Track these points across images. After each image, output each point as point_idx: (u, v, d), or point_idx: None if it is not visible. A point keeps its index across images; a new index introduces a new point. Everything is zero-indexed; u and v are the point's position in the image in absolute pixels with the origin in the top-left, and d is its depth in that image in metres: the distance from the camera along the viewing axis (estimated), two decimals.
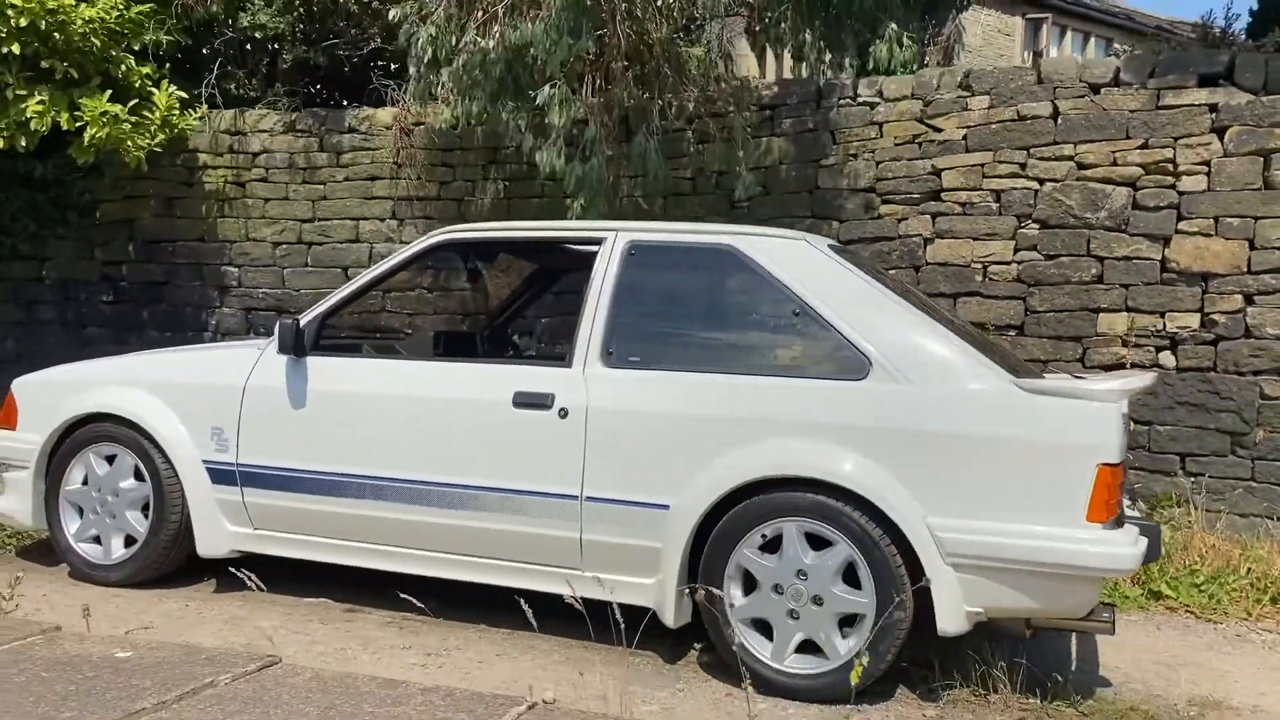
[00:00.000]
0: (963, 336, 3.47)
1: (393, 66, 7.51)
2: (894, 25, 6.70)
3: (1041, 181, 5.66)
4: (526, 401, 3.64)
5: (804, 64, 6.70)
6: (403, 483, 3.78)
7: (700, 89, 6.30)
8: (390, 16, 6.99)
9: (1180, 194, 5.34)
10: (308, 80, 7.57)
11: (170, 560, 4.20)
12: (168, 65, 6.87)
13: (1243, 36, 13.93)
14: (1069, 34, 17.25)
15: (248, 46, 7.36)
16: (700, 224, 4.44)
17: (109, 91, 6.24)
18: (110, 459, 4.24)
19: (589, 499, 3.54)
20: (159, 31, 6.57)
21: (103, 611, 3.84)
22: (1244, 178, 5.23)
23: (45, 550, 4.75)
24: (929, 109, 5.96)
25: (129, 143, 6.25)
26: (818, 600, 3.28)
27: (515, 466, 3.65)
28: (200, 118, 6.95)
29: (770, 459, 3.32)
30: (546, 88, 5.41)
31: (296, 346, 3.91)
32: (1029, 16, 16.33)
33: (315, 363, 3.97)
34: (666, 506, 3.45)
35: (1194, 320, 5.31)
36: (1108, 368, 5.39)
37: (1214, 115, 5.32)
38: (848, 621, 3.30)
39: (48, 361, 4.90)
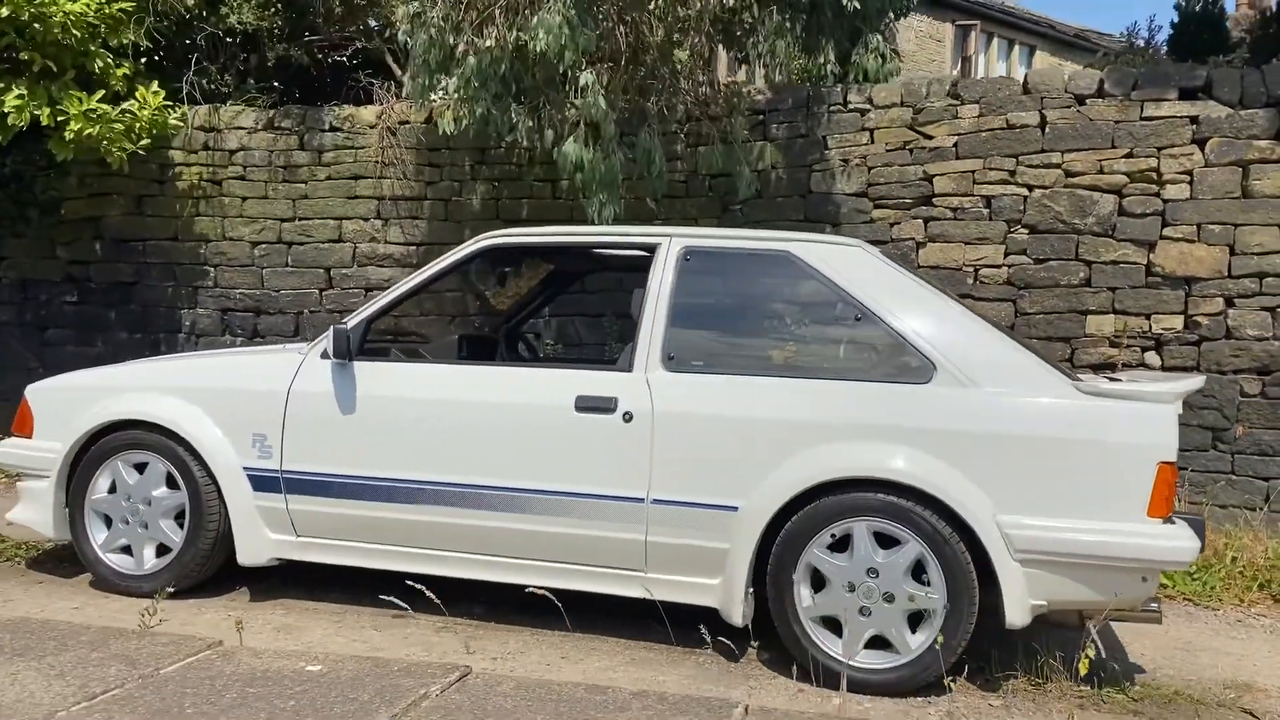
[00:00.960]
0: (1016, 340, 3.61)
1: (365, 70, 7.45)
2: (880, 37, 6.90)
3: (1031, 188, 5.88)
4: (590, 406, 3.66)
5: (780, 71, 6.83)
6: (461, 487, 3.77)
7: (695, 92, 6.38)
8: (375, 20, 6.96)
9: (1165, 201, 5.61)
10: (286, 78, 7.40)
11: (206, 569, 4.11)
12: (143, 62, 6.66)
13: (1164, 49, 14.60)
14: (995, 40, 17.79)
15: (229, 40, 7.16)
16: (751, 230, 4.53)
17: (100, 91, 6.04)
18: (140, 467, 4.13)
19: (655, 501, 3.59)
20: (138, 31, 6.37)
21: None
22: (1224, 187, 5.51)
23: (57, 560, 4.61)
24: (920, 116, 6.13)
25: (117, 142, 6.03)
26: (889, 597, 3.39)
27: (579, 470, 3.67)
28: (179, 116, 6.76)
29: (843, 461, 3.41)
30: (586, 73, 5.42)
31: (348, 351, 3.86)
32: (959, 23, 16.80)
33: (365, 367, 3.93)
34: (735, 508, 3.51)
35: (1178, 322, 5.59)
36: (1096, 368, 5.63)
37: (1195, 127, 5.60)
38: (914, 617, 3.41)
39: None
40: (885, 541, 3.41)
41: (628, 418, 3.62)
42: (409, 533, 3.87)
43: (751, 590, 3.55)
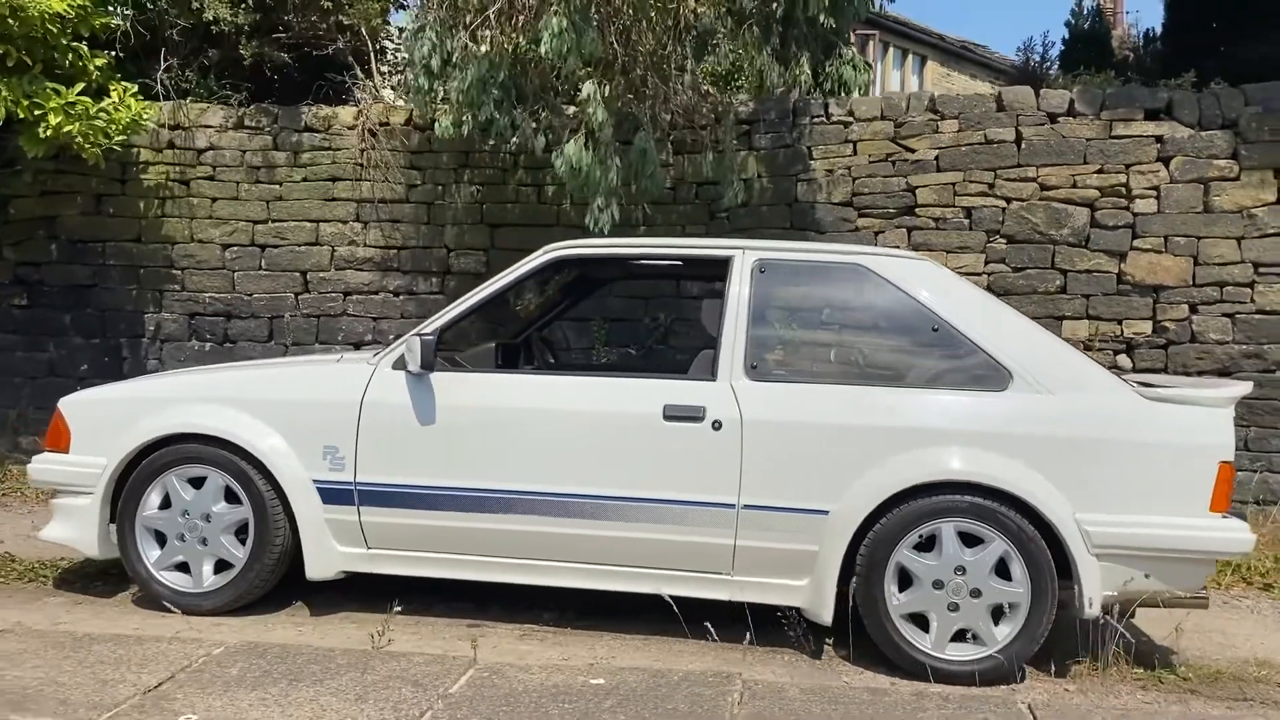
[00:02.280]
0: (1077, 349, 3.87)
1: (331, 70, 7.28)
2: (853, 49, 7.15)
3: (1009, 200, 6.22)
4: (678, 414, 3.75)
5: (752, 80, 7.03)
6: (547, 496, 3.81)
7: (683, 101, 6.50)
8: (346, 18, 6.83)
9: (1134, 215, 6.03)
10: (256, 76, 7.18)
11: (268, 585, 4.03)
12: (115, 54, 6.38)
13: (1055, 65, 15.44)
14: (891, 49, 18.47)
15: (202, 34, 6.90)
16: (819, 243, 4.68)
17: (80, 84, 5.76)
18: (195, 481, 4.01)
19: (745, 507, 3.71)
20: (109, 17, 6.10)
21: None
22: (1188, 202, 5.96)
23: (84, 579, 4.45)
24: (901, 130, 6.41)
25: (96, 138, 5.77)
26: (976, 593, 3.60)
27: (668, 477, 3.76)
28: (153, 113, 6.49)
29: (933, 465, 3.60)
30: (589, 83, 5.47)
31: (433, 363, 3.84)
32: (859, 32, 17.36)
33: (443, 377, 3.92)
34: (826, 512, 3.66)
35: (1147, 327, 6.01)
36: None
37: (1160, 146, 6.03)
38: (996, 611, 3.62)
39: None
40: (970, 541, 3.62)
41: (717, 426, 3.73)
42: (493, 542, 3.88)
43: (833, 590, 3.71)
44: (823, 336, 3.97)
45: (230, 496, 4.00)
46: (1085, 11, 14.65)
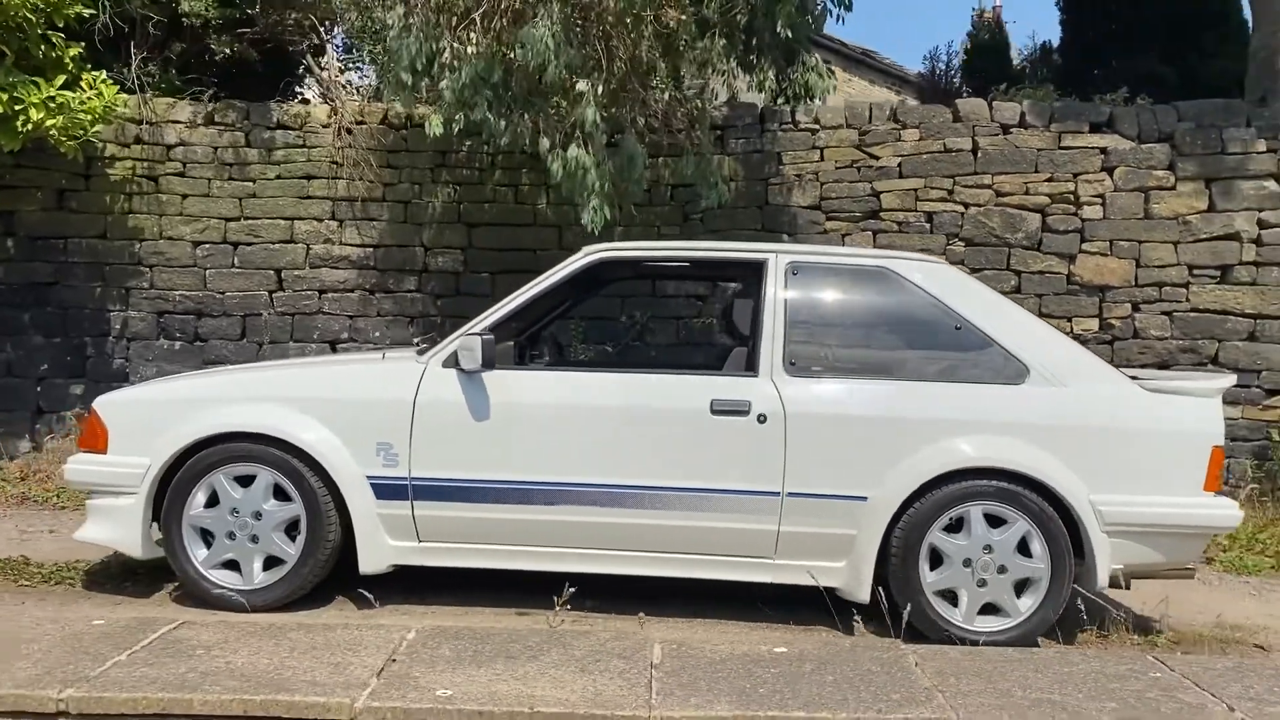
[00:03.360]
0: (1080, 344, 4.24)
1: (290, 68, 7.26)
2: (816, 57, 7.46)
3: (967, 206, 6.64)
4: (725, 409, 3.98)
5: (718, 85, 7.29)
6: (600, 487, 3.99)
7: (661, 105, 6.71)
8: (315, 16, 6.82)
9: (1083, 220, 6.52)
10: (223, 71, 7.09)
11: (318, 580, 4.10)
12: (86, 45, 6.23)
13: (958, 74, 16.16)
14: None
15: (177, 26, 6.78)
16: (846, 248, 4.93)
17: (61, 77, 5.64)
18: (243, 480, 4.04)
19: (790, 494, 3.96)
20: (81, 7, 5.96)
21: (274, 642, 3.73)
22: (1130, 209, 6.48)
23: (114, 579, 4.44)
24: (866, 138, 6.77)
25: (75, 130, 5.66)
26: (1002, 569, 3.93)
27: (716, 468, 3.98)
28: (126, 107, 6.37)
29: (964, 453, 3.91)
30: (583, 83, 5.62)
31: (492, 360, 3.97)
32: None
33: (495, 375, 4.04)
34: (865, 498, 3.94)
35: (1094, 324, 6.51)
36: None
37: (1104, 156, 6.54)
38: (1019, 585, 3.96)
39: None
40: (994, 522, 3.94)
41: (762, 419, 3.97)
42: (546, 532, 4.04)
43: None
44: (853, 335, 4.24)
45: (279, 494, 4.05)
46: (986, 23, 15.42)
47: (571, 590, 3.99)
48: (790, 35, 6.73)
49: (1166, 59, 12.13)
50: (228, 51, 6.92)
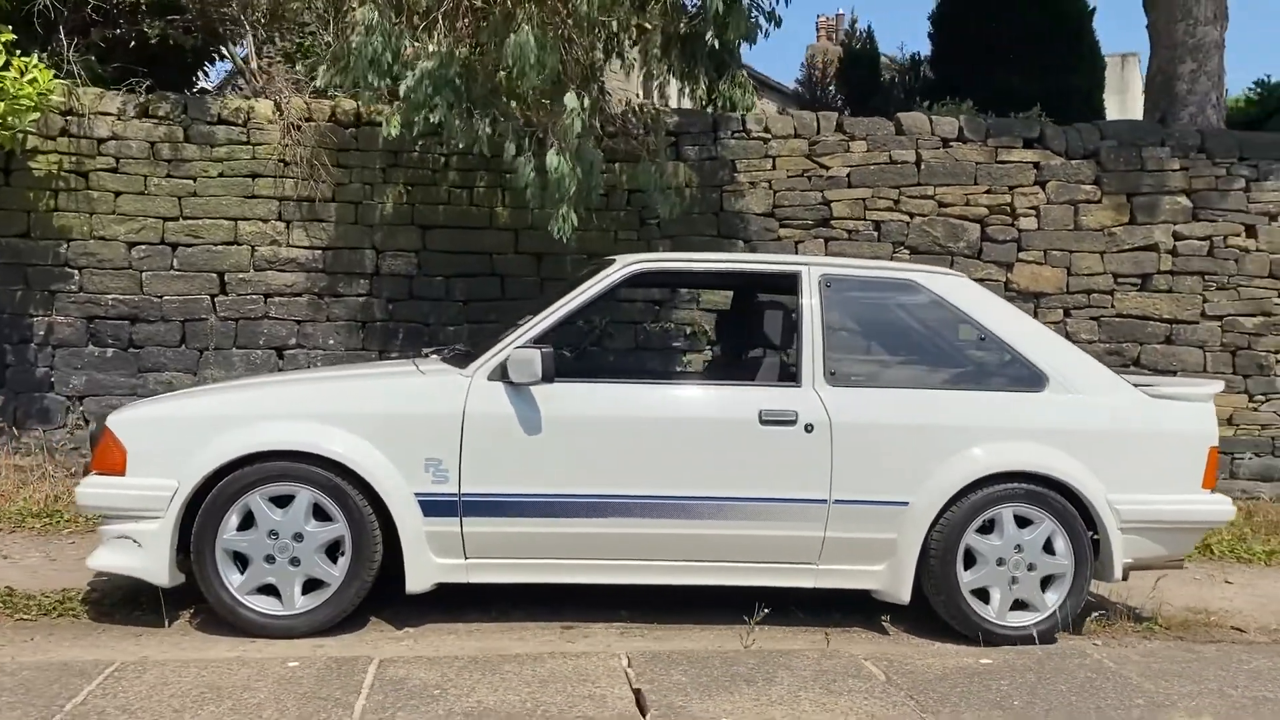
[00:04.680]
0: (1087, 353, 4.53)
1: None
2: (744, 71, 7.61)
3: (912, 215, 6.94)
4: (773, 419, 4.06)
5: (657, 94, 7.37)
6: (652, 499, 4.00)
7: (621, 112, 6.73)
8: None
9: (1019, 231, 6.92)
10: (147, 59, 6.67)
11: (359, 602, 3.96)
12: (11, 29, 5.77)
13: (832, 84, 16.70)
14: None
15: (103, 9, 6.33)
16: (873, 260, 5.07)
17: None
18: (279, 500, 3.86)
19: (837, 501, 4.08)
20: None
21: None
22: (1062, 221, 6.92)
23: (123, 608, 4.14)
24: (816, 148, 6.98)
25: (13, 119, 5.24)
26: (1031, 567, 4.16)
27: (766, 477, 4.05)
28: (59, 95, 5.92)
29: (997, 458, 4.12)
30: (570, 94, 5.58)
31: (552, 374, 3.91)
32: None
33: (543, 387, 3.99)
34: (906, 503, 4.10)
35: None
36: None
37: (1037, 171, 6.95)
38: (1045, 581, 4.20)
39: None
40: (1022, 522, 4.17)
41: (809, 429, 4.07)
42: (595, 545, 4.02)
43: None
44: (884, 345, 4.40)
45: (318, 514, 3.89)
46: (858, 34, 16.04)
47: (563, 604, 4.00)
48: (717, 45, 6.87)
49: (1030, 75, 12.90)
50: (158, 37, 6.50)
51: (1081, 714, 3.35)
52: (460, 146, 5.84)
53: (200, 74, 7.65)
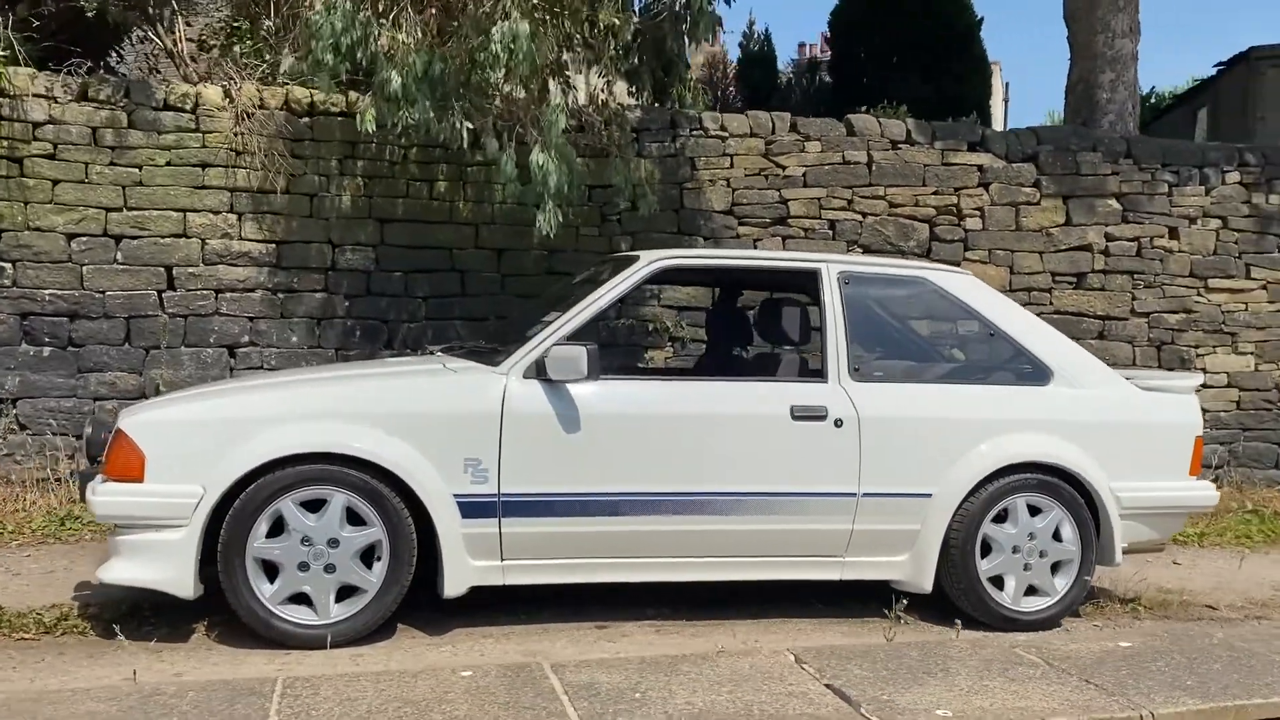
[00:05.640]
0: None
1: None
2: (692, 75, 7.66)
3: (865, 215, 7.12)
4: (805, 414, 4.11)
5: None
6: (690, 496, 4.00)
7: (583, 107, 6.68)
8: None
9: (966, 231, 7.18)
10: (68, 37, 6.25)
11: (395, 608, 3.82)
12: None
13: (733, 86, 16.92)
14: None
15: None
16: (886, 258, 5.09)
17: None
18: (309, 505, 3.69)
19: (865, 494, 4.16)
20: None
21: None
22: (1005, 222, 7.21)
23: (132, 622, 3.87)
24: (773, 148, 7.08)
25: None
26: (1042, 554, 4.33)
27: (799, 472, 4.10)
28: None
29: (1014, 449, 4.27)
30: (557, 89, 5.51)
31: (599, 371, 3.86)
32: None
33: (580, 385, 3.93)
34: (930, 495, 4.21)
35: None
36: None
37: (981, 173, 7.22)
38: (1054, 567, 4.38)
39: None
40: (1033, 511, 4.33)
41: (839, 423, 4.14)
42: (632, 543, 3.99)
43: None
44: (900, 341, 4.50)
45: (351, 518, 3.73)
46: (756, 36, 16.31)
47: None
48: (679, 45, 6.91)
49: (925, 80, 13.39)
50: (95, 10, 6.11)
51: (1261, 689, 3.51)
52: (440, 140, 5.68)
53: (116, 53, 7.18)
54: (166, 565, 3.60)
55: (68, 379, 5.98)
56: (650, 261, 4.25)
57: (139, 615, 3.94)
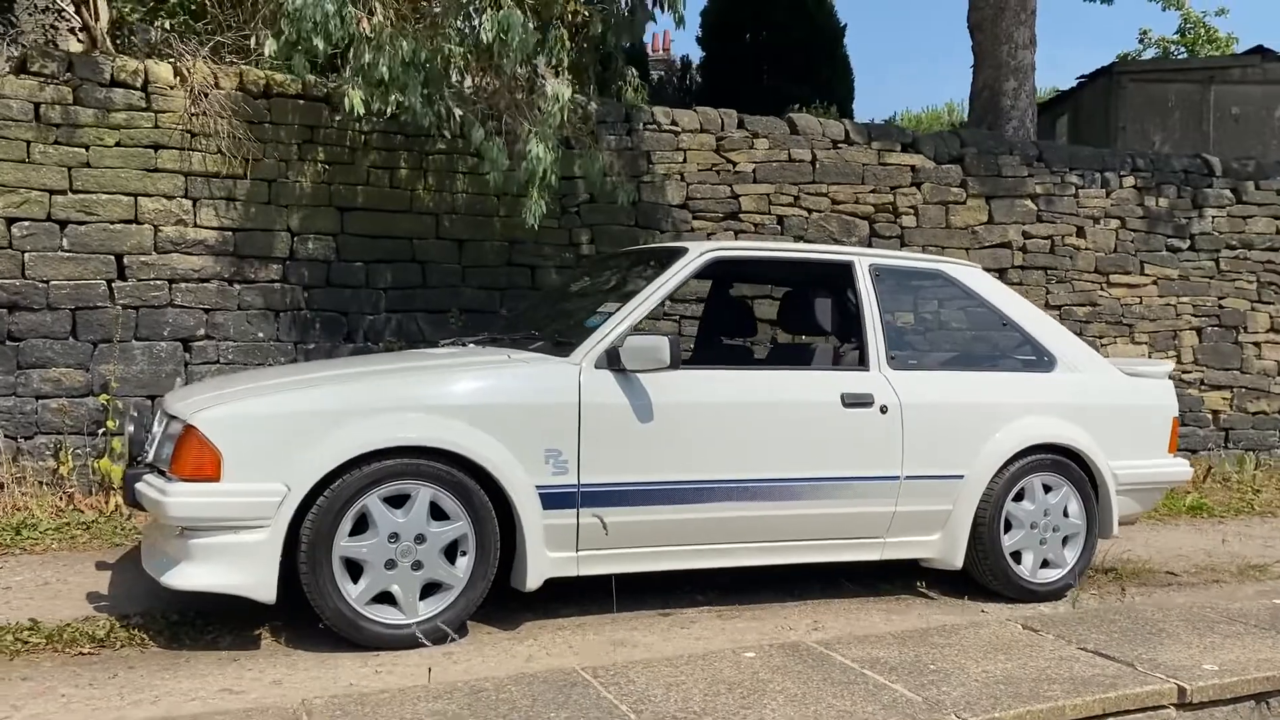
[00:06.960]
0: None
1: None
2: (633, 70, 7.70)
3: (810, 211, 7.37)
4: (854, 401, 4.27)
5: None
6: (756, 482, 4.09)
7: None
8: None
9: (902, 228, 7.53)
10: None
11: (481, 602, 3.74)
12: None
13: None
14: None
15: None
16: (905, 251, 5.22)
17: None
18: (393, 500, 3.57)
19: (907, 478, 4.36)
20: None
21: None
22: (936, 220, 7.61)
23: (194, 629, 3.67)
24: (724, 144, 7.23)
25: None
26: (1055, 529, 4.65)
27: (851, 457, 4.26)
28: None
29: (1032, 432, 4.56)
30: (552, 81, 5.47)
31: (677, 360, 3.88)
32: None
33: (651, 376, 3.95)
34: (962, 476, 4.45)
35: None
36: None
37: (914, 173, 7.60)
38: (1063, 541, 4.70)
39: None
40: (1046, 489, 4.65)
41: (884, 410, 4.32)
42: (699, 530, 4.06)
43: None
44: (925, 330, 4.72)
45: (435, 513, 3.64)
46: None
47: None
48: (602, 42, 6.98)
49: (796, 81, 13.87)
50: None
51: None
52: (426, 126, 5.54)
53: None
54: (248, 568, 3.41)
55: (6, 375, 5.50)
56: (702, 253, 4.31)
57: (192, 624, 3.71)
